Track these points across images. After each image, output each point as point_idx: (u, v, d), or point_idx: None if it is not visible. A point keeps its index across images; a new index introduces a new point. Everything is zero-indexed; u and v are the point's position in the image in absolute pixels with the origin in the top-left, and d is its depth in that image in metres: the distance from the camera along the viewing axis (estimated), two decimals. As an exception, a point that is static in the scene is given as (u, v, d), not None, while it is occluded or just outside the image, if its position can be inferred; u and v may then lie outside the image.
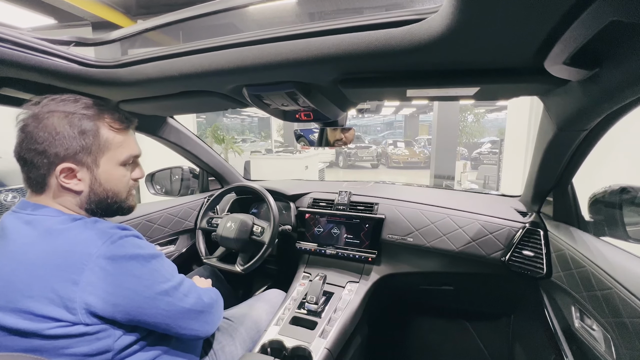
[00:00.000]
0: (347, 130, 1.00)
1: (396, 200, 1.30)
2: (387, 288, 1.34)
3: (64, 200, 0.63)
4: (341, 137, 1.02)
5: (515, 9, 0.39)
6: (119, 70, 0.74)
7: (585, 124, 0.70)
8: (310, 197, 1.45)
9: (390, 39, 0.51)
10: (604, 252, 0.73)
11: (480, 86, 0.62)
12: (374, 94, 0.78)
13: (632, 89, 0.51)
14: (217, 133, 8.04)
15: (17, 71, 0.67)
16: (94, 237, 0.58)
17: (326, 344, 0.93)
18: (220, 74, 0.67)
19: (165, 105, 0.98)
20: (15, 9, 3.38)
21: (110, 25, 4.01)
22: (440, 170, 6.89)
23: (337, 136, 1.02)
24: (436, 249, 1.16)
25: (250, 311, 1.08)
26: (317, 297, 1.07)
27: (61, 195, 0.63)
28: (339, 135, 1.02)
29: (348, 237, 1.31)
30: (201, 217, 1.40)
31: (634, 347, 0.58)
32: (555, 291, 0.93)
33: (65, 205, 0.64)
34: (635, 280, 0.61)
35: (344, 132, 1.01)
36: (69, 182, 0.62)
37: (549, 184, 0.96)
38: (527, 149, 3.61)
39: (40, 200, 0.63)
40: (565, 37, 0.42)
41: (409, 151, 12.76)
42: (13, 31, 0.61)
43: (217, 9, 0.70)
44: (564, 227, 0.94)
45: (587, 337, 0.75)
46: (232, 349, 0.92)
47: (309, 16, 3.97)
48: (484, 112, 13.61)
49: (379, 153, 13.62)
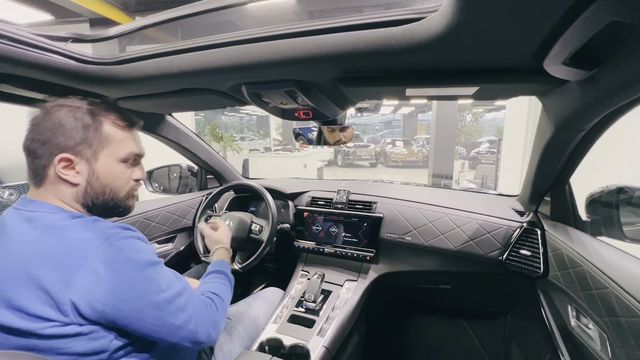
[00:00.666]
0: (346, 129, 1.00)
1: (394, 199, 1.31)
2: (385, 286, 1.35)
3: (62, 194, 0.63)
4: (340, 136, 1.02)
5: (515, 8, 0.39)
6: (117, 67, 0.74)
7: (583, 124, 0.70)
8: (308, 196, 1.45)
9: (390, 37, 0.51)
10: (600, 251, 0.74)
11: (479, 86, 0.62)
12: (373, 93, 0.78)
13: (631, 90, 0.51)
14: (215, 131, 8.02)
15: (14, 67, 0.67)
16: (92, 237, 0.57)
17: (324, 342, 0.94)
18: (219, 71, 0.67)
19: (164, 103, 0.97)
20: (11, 4, 3.35)
21: (108, 22, 3.99)
22: (439, 170, 6.90)
23: (335, 135, 1.02)
24: (434, 247, 1.17)
25: (249, 309, 1.08)
26: (315, 295, 1.07)
27: (59, 188, 0.63)
28: (338, 134, 1.02)
29: (346, 236, 1.31)
30: (199, 215, 1.39)
31: (629, 346, 0.59)
32: (552, 290, 0.94)
33: (63, 200, 0.63)
34: (631, 280, 0.61)
35: (342, 131, 1.01)
36: (66, 174, 0.62)
37: (547, 183, 0.97)
38: (525, 149, 3.63)
39: (40, 195, 0.63)
40: (564, 37, 0.42)
41: (407, 150, 12.78)
42: (10, 27, 0.61)
43: (216, 6, 0.70)
44: (561, 226, 0.95)
45: (583, 336, 0.75)
46: (230, 347, 0.92)
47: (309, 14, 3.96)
48: (482, 112, 13.67)
49: (378, 152, 13.64)
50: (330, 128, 1.00)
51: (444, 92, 0.69)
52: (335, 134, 1.01)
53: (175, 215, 1.43)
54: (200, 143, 1.49)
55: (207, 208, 1.41)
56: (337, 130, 1.00)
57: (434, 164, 7.01)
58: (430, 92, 0.70)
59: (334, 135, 1.01)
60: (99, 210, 0.67)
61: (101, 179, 0.65)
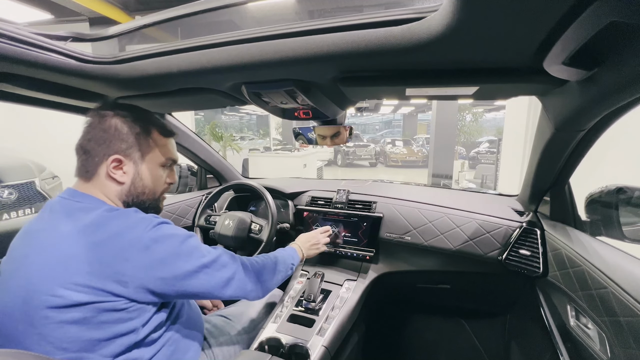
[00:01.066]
0: (338, 135, 1.00)
1: (394, 198, 1.31)
2: (385, 286, 1.35)
3: (108, 190, 0.71)
4: (328, 142, 1.02)
5: (515, 8, 0.39)
6: (116, 66, 0.74)
7: (583, 124, 0.70)
8: (308, 195, 1.45)
9: (390, 37, 0.51)
10: (600, 251, 0.74)
11: (479, 85, 0.62)
12: (373, 93, 0.78)
13: (631, 90, 0.51)
14: (215, 130, 8.01)
15: (14, 67, 0.66)
16: (138, 222, 0.65)
17: (324, 342, 0.94)
18: (219, 71, 0.67)
19: (164, 102, 0.97)
20: (11, 3, 3.35)
21: (107, 21, 3.98)
22: (438, 169, 6.90)
23: (326, 141, 1.02)
24: (433, 247, 1.17)
25: (248, 309, 1.08)
26: (315, 295, 1.07)
27: (106, 184, 0.70)
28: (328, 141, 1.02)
29: (346, 236, 1.31)
30: (199, 214, 1.39)
31: (629, 346, 0.59)
32: (551, 290, 0.94)
33: (108, 195, 0.71)
34: (631, 280, 0.61)
35: (334, 137, 1.01)
36: (115, 173, 0.70)
37: (547, 183, 0.97)
38: (525, 149, 3.63)
39: (87, 189, 0.70)
40: (564, 37, 0.42)
41: (407, 150, 12.77)
42: (10, 26, 0.61)
43: (215, 6, 0.70)
44: (561, 226, 0.95)
45: (582, 336, 0.75)
46: (229, 347, 0.93)
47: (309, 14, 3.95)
48: (482, 112, 13.67)
49: (378, 152, 13.62)
50: (322, 136, 1.01)
51: (443, 92, 0.69)
52: (326, 140, 1.01)
53: (175, 214, 1.43)
54: (200, 142, 1.49)
55: (207, 207, 1.41)
56: (328, 137, 1.01)
57: (434, 163, 7.02)
58: (430, 92, 0.70)
59: (325, 142, 1.01)
60: (136, 207, 0.73)
61: (143, 180, 0.74)
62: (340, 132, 0.99)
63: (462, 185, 6.29)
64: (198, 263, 0.68)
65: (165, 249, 0.65)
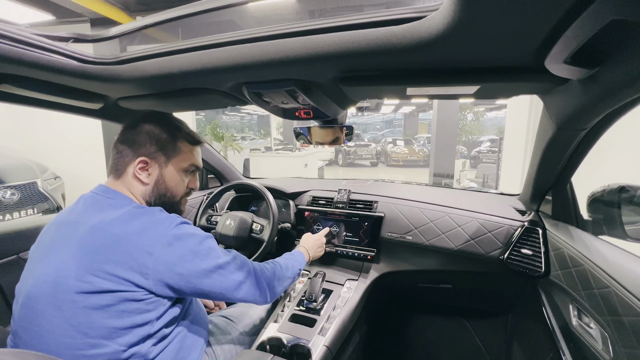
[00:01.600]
0: (347, 128, 1.00)
1: (395, 198, 1.30)
2: (386, 286, 1.35)
3: (134, 189, 0.76)
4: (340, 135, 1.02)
5: (516, 7, 0.39)
6: (118, 67, 0.74)
7: (584, 123, 0.70)
8: (309, 195, 1.45)
9: (390, 36, 0.51)
10: (602, 250, 0.74)
11: (480, 84, 0.62)
12: (374, 92, 0.78)
13: (633, 88, 0.51)
14: (216, 130, 8.02)
15: (15, 68, 0.67)
16: (163, 220, 0.70)
17: (325, 342, 0.94)
18: (219, 71, 0.67)
19: (164, 103, 0.97)
20: (12, 4, 3.36)
21: (109, 22, 3.99)
22: (440, 169, 6.88)
23: (336, 134, 1.02)
24: (435, 247, 1.17)
25: (249, 309, 1.08)
26: (316, 294, 1.07)
27: (132, 183, 0.76)
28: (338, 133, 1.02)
29: (347, 235, 1.31)
30: (200, 214, 1.40)
31: (631, 345, 0.59)
32: (553, 289, 0.94)
33: (134, 194, 0.76)
34: (633, 279, 0.61)
35: (343, 130, 1.01)
36: (140, 174, 0.76)
37: (548, 182, 0.96)
38: (527, 148, 3.62)
39: (117, 186, 0.76)
40: (566, 35, 0.42)
41: (408, 149, 12.75)
42: (11, 27, 0.61)
43: (216, 6, 0.70)
44: (563, 225, 0.94)
45: (585, 335, 0.75)
46: (231, 347, 0.93)
47: (309, 14, 3.95)
48: (483, 111, 13.64)
49: (379, 151, 13.61)
50: (319, 142, 1.03)
51: (445, 91, 0.69)
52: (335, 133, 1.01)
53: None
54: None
55: (208, 208, 1.42)
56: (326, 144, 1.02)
57: (435, 163, 6.99)
58: (431, 91, 0.69)
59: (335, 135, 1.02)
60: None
61: (166, 183, 0.79)
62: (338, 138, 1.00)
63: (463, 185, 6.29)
64: (214, 263, 0.71)
65: (185, 246, 0.68)
